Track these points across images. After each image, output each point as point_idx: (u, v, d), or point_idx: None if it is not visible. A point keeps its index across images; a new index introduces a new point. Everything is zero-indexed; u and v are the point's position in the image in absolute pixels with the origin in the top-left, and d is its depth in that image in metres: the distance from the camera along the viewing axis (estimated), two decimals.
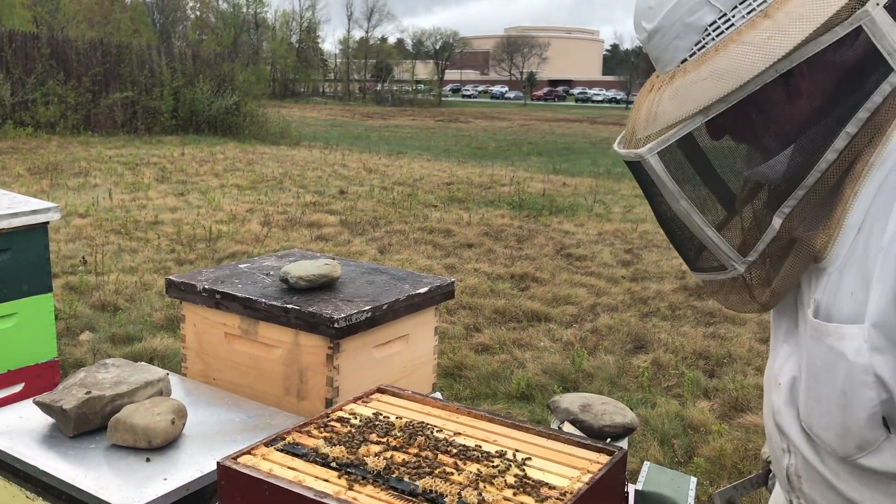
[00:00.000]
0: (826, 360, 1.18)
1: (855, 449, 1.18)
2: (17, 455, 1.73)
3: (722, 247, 1.23)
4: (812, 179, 1.14)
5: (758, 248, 1.21)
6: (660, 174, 1.20)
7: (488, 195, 12.58)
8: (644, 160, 1.20)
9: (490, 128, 34.20)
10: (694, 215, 1.22)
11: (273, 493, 1.34)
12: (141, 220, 9.31)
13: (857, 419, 1.16)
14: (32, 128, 18.27)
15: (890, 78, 1.09)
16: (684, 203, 1.21)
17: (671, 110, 1.18)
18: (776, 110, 1.18)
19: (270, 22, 68.42)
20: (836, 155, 1.13)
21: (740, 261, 1.23)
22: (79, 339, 5.33)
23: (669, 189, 1.21)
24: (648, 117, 1.22)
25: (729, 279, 1.27)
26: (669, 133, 1.18)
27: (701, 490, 3.58)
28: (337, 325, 2.05)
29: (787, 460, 1.33)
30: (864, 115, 1.11)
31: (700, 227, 1.22)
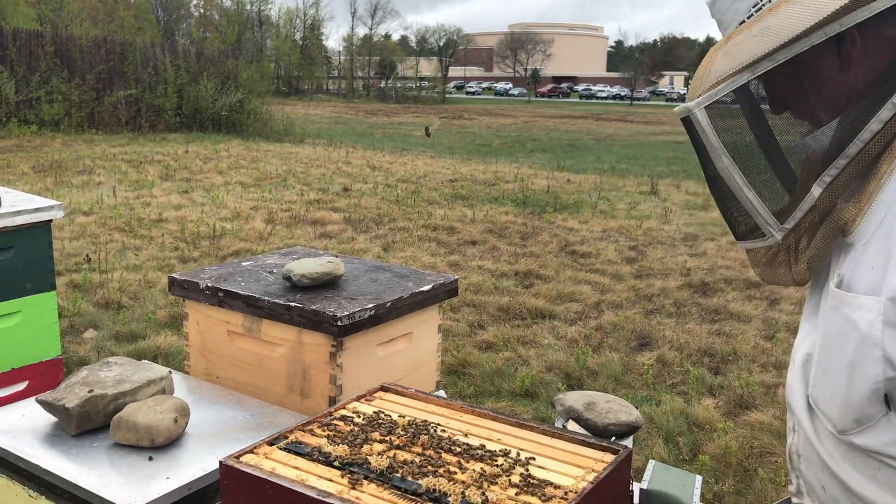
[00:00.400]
0: (840, 331, 1.19)
1: (853, 423, 1.20)
2: (20, 454, 1.73)
3: (760, 210, 1.24)
4: (854, 149, 1.14)
5: (795, 215, 1.22)
6: (705, 128, 1.22)
7: (492, 192, 12.56)
8: (692, 114, 1.22)
9: (494, 124, 34.17)
10: (735, 175, 1.23)
11: (276, 493, 1.33)
12: (145, 218, 9.31)
13: (859, 392, 1.17)
14: (37, 126, 18.29)
15: None
16: (726, 160, 1.22)
17: (721, 66, 1.21)
18: (826, 77, 1.19)
19: (274, 19, 68.46)
20: (880, 125, 1.13)
21: (778, 227, 1.24)
22: (82, 337, 5.33)
23: (713, 144, 1.22)
24: (703, 75, 1.25)
25: (769, 249, 1.29)
26: (717, 88, 1.20)
27: (706, 488, 3.57)
28: (340, 323, 2.04)
29: (792, 438, 1.36)
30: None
31: (740, 188, 1.23)
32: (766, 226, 1.25)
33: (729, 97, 1.21)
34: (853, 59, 1.16)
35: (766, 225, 1.25)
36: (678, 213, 11.30)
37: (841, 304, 1.19)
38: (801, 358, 1.31)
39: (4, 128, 17.69)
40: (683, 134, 1.32)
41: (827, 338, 1.23)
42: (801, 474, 1.36)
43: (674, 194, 13.24)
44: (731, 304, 6.65)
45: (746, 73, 1.18)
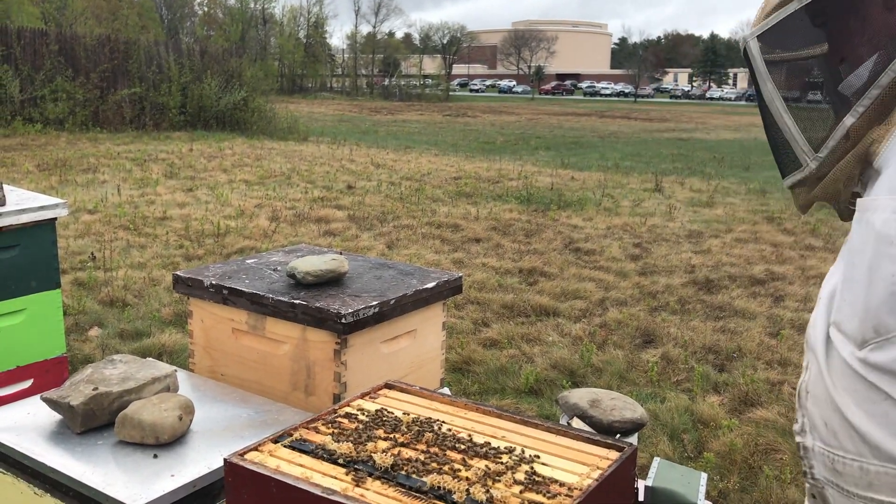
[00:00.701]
0: (862, 237, 1.23)
1: (872, 332, 1.22)
2: (25, 451, 1.73)
3: (797, 137, 1.31)
4: (886, 79, 1.21)
5: (828, 144, 1.28)
6: (755, 56, 1.31)
7: (496, 190, 12.56)
8: (746, 44, 1.32)
9: (498, 122, 34.14)
10: (777, 101, 1.31)
11: (280, 490, 1.33)
12: (149, 216, 9.32)
13: (877, 296, 1.20)
14: (41, 124, 18.32)
15: None
16: (770, 86, 1.31)
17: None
18: (870, 14, 1.26)
19: (278, 17, 68.45)
20: None
21: (812, 155, 1.30)
22: (87, 335, 5.34)
23: (760, 71, 1.31)
24: (761, 10, 1.34)
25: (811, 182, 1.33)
26: (769, 18, 1.30)
27: (711, 486, 3.57)
28: (344, 321, 2.04)
29: (804, 376, 1.40)
30: None
31: (780, 114, 1.31)
32: (802, 154, 1.31)
33: (779, 26, 1.29)
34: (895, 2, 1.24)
35: (801, 152, 1.31)
36: (682, 210, 11.28)
37: (862, 211, 1.23)
38: (828, 293, 1.35)
39: (9, 126, 17.73)
40: (687, 131, 1.36)
41: (851, 252, 1.26)
42: (807, 411, 1.38)
43: (678, 191, 13.21)
44: (736, 301, 6.64)
45: (795, 3, 1.26)
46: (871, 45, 1.26)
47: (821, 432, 1.35)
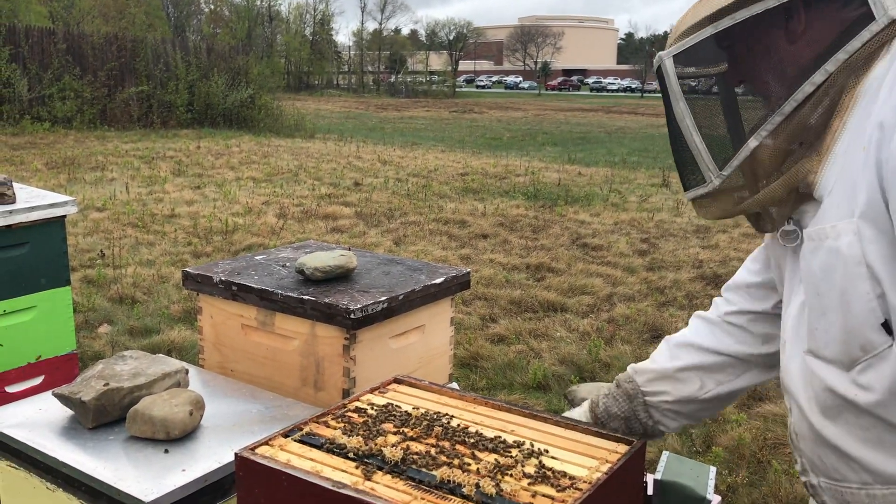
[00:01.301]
0: (825, 265, 1.26)
1: (859, 350, 1.25)
2: (37, 447, 1.74)
3: (703, 154, 1.36)
4: (788, 108, 1.28)
5: (732, 163, 1.34)
6: (669, 75, 1.37)
7: (503, 185, 12.55)
8: (662, 62, 1.38)
9: (504, 118, 34.11)
10: (687, 119, 1.37)
11: (291, 484, 1.34)
12: (158, 214, 9.35)
13: (858, 315, 1.23)
14: (49, 123, 18.38)
15: (870, 26, 1.24)
16: (682, 104, 1.37)
17: (689, 19, 1.37)
18: (773, 44, 1.33)
19: (284, 15, 68.47)
20: (813, 87, 1.27)
21: (716, 173, 1.36)
22: (97, 332, 5.36)
23: (674, 90, 1.37)
24: (676, 29, 1.40)
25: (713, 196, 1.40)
26: (685, 40, 1.35)
27: (720, 480, 3.57)
28: (353, 316, 2.05)
29: (791, 419, 1.41)
30: (843, 57, 1.25)
31: (690, 131, 1.37)
32: (707, 170, 1.37)
33: (693, 49, 1.35)
34: (798, 33, 1.30)
35: (706, 169, 1.37)
36: (689, 205, 11.24)
37: (820, 240, 1.26)
38: (791, 334, 1.38)
39: (18, 125, 17.79)
40: None
41: (813, 283, 1.29)
42: (802, 452, 1.40)
43: None
44: None
45: (710, 28, 1.32)
46: (774, 73, 1.33)
47: (821, 469, 1.37)
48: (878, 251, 1.19)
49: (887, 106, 1.19)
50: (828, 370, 1.30)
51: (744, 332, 1.65)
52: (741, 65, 1.38)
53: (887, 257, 1.19)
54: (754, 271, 1.67)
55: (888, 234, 1.18)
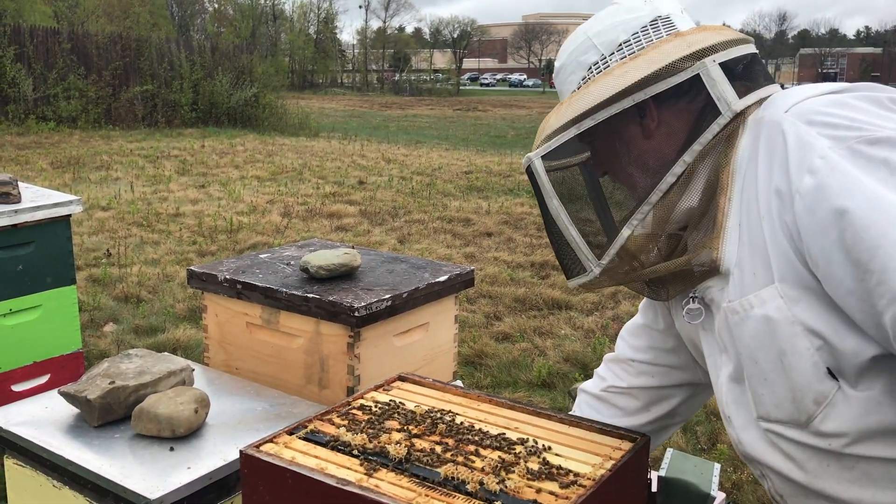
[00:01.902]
0: (756, 333, 1.29)
1: (812, 405, 1.26)
2: (44, 445, 1.75)
3: (582, 247, 1.44)
4: (655, 197, 1.36)
5: (609, 252, 1.41)
6: (540, 174, 1.44)
7: (507, 183, 12.55)
8: (531, 163, 1.44)
9: (509, 116, 34.09)
10: (562, 214, 1.44)
11: (295, 481, 1.34)
12: (162, 213, 9.37)
13: (802, 372, 1.25)
14: (54, 122, 18.41)
15: (718, 119, 1.32)
16: (556, 202, 1.44)
17: (554, 122, 1.44)
18: (632, 142, 1.42)
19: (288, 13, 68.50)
20: (674, 178, 1.35)
21: (595, 262, 1.43)
22: (102, 331, 5.38)
23: (546, 189, 1.44)
24: (541, 130, 1.47)
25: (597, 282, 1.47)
26: (551, 141, 1.43)
27: (724, 477, 3.56)
28: (357, 314, 2.05)
29: (767, 484, 1.43)
30: (698, 148, 1.33)
31: (566, 226, 1.44)
32: (587, 260, 1.44)
33: (560, 149, 1.43)
34: (653, 129, 1.39)
35: (586, 260, 1.44)
36: None
37: (745, 310, 1.30)
38: (732, 409, 1.41)
39: (23, 125, 17.83)
40: None
41: (748, 353, 1.32)
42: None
43: None
44: None
45: (573, 129, 1.40)
46: (637, 166, 1.42)
47: None
48: (808, 308, 1.22)
49: (776, 175, 1.24)
50: (788, 430, 1.31)
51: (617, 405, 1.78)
52: (606, 160, 1.47)
53: (819, 310, 1.22)
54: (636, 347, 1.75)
55: (812, 290, 1.22)
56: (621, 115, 1.36)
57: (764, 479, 1.42)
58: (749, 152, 1.31)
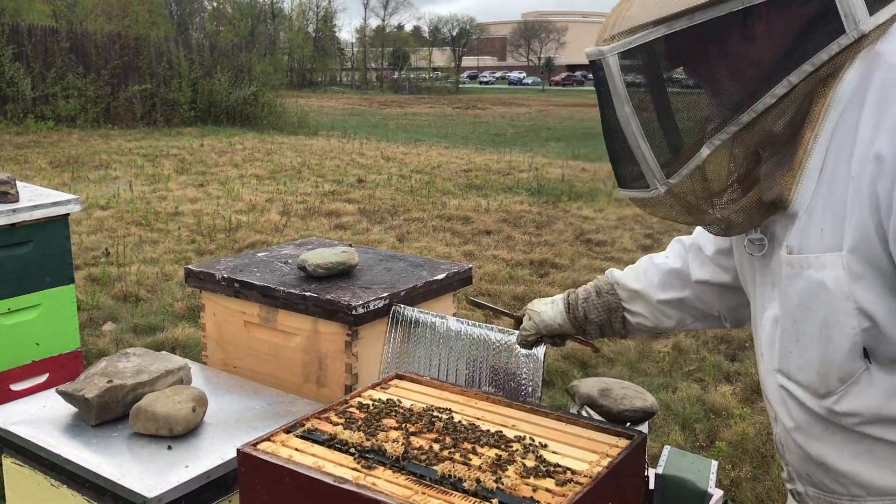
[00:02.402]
0: (805, 294, 1.21)
1: (836, 382, 1.22)
2: (42, 444, 1.75)
3: (650, 162, 1.26)
4: (746, 118, 1.19)
5: (681, 172, 1.25)
6: (614, 74, 1.24)
7: (507, 182, 12.54)
8: (604, 58, 1.24)
9: (508, 114, 34.07)
10: (633, 123, 1.25)
11: (293, 479, 1.34)
12: (161, 212, 9.37)
13: (839, 349, 1.19)
14: (53, 121, 18.40)
15: (839, 39, 1.14)
16: (628, 109, 1.25)
17: (638, 14, 1.22)
18: (732, 47, 1.21)
19: (287, 12, 68.45)
20: (773, 99, 1.18)
21: (662, 181, 1.27)
22: (101, 330, 5.38)
23: (619, 91, 1.24)
24: (617, 20, 1.25)
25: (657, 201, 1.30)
26: (633, 37, 1.22)
27: (723, 474, 3.57)
28: (355, 313, 2.06)
29: (776, 429, 1.38)
30: (809, 69, 1.16)
31: (636, 137, 1.25)
32: (652, 178, 1.27)
33: (642, 48, 1.23)
34: (758, 33, 1.20)
35: (651, 177, 1.27)
36: None
37: (802, 268, 1.21)
38: (767, 346, 1.33)
39: (21, 124, 17.82)
40: None
41: (789, 309, 1.25)
42: (788, 462, 1.38)
43: None
44: None
45: (664, 28, 1.20)
46: (731, 77, 1.22)
47: (808, 480, 1.34)
48: (868, 287, 1.15)
49: (883, 138, 1.11)
50: (803, 393, 1.27)
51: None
52: (696, 68, 1.28)
53: (879, 292, 1.15)
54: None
55: (880, 270, 1.14)
56: (726, 18, 1.17)
57: (775, 422, 1.38)
58: (854, 90, 1.16)
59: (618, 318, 1.77)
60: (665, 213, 1.33)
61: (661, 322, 1.73)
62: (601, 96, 1.29)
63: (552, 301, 1.81)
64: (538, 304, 1.81)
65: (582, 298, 1.79)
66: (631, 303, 1.75)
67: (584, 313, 1.77)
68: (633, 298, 1.75)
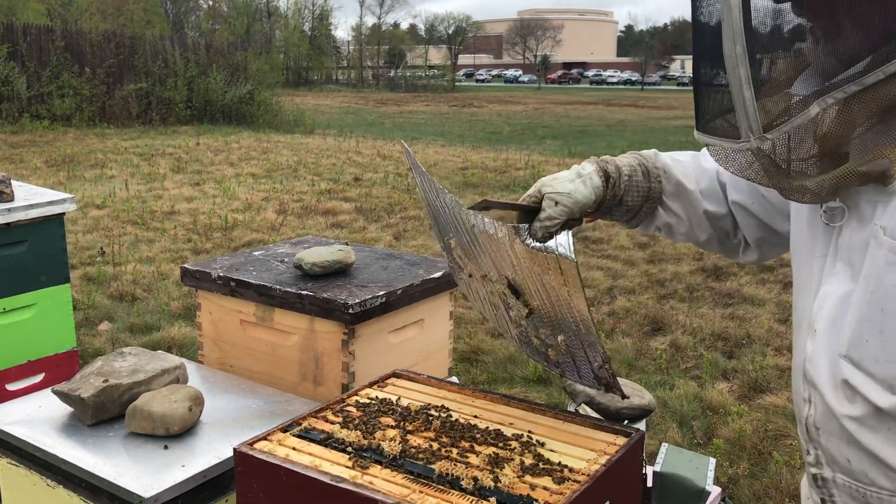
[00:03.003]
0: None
1: None
2: (38, 444, 1.74)
3: (749, 111, 1.11)
4: (871, 79, 1.05)
5: (782, 128, 1.11)
6: (733, 6, 1.08)
7: (503, 180, 12.54)
8: None
9: (504, 112, 34.07)
10: (742, 66, 1.09)
11: (289, 479, 1.34)
12: (157, 211, 9.35)
13: None
14: (49, 121, 18.37)
15: None
16: (739, 49, 1.09)
17: None
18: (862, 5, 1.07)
19: (283, 10, 68.39)
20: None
21: (758, 133, 1.12)
22: (97, 330, 5.37)
23: (734, 27, 1.08)
24: None
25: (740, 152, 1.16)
26: None
27: (721, 472, 3.57)
28: (352, 311, 2.05)
29: (807, 411, 1.28)
30: None
31: (740, 81, 1.10)
32: (747, 129, 1.13)
33: None
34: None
35: (746, 128, 1.13)
36: None
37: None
38: (826, 325, 1.22)
39: (17, 123, 17.79)
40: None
41: (881, 294, 1.14)
42: (821, 446, 1.28)
43: None
44: (745, 287, 6.63)
45: None
46: (859, 24, 1.08)
47: (844, 467, 1.25)
48: None
49: None
50: (870, 386, 1.17)
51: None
52: (825, 14, 1.13)
53: None
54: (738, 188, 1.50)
55: None
56: None
57: (808, 403, 1.27)
58: None
59: (650, 209, 1.55)
60: (741, 170, 1.20)
61: (694, 233, 1.55)
62: (706, 30, 1.15)
63: (577, 176, 1.51)
64: (563, 184, 1.50)
65: (626, 175, 1.52)
66: (673, 199, 1.54)
67: (623, 193, 1.51)
68: (678, 196, 1.53)
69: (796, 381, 1.31)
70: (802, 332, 1.29)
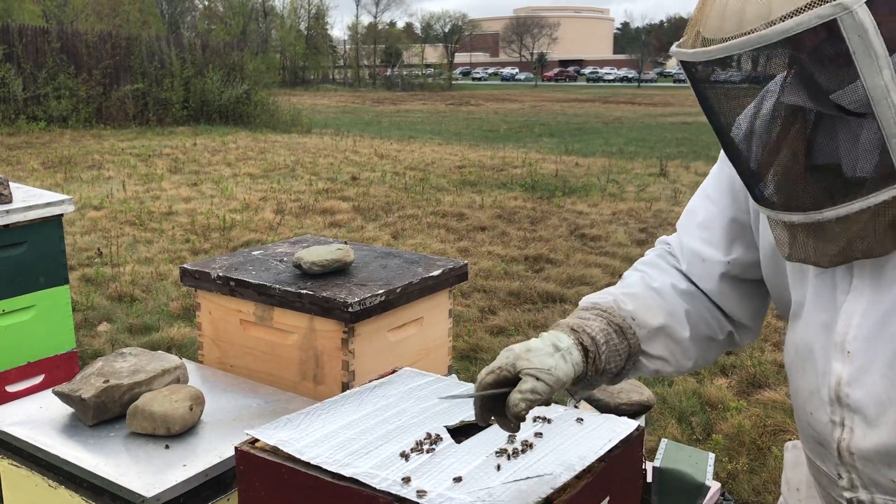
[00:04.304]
0: None
1: None
2: (39, 444, 1.75)
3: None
4: None
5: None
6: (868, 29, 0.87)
7: (500, 178, 12.55)
8: (852, 11, 0.87)
9: (501, 110, 34.07)
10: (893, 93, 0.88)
11: (291, 476, 1.34)
12: (155, 211, 9.35)
13: None
14: (45, 122, 18.35)
15: None
16: (887, 75, 0.88)
17: None
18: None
19: (279, 10, 68.30)
20: None
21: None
22: (97, 331, 5.37)
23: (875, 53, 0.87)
24: None
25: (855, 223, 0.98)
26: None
27: (720, 467, 3.58)
28: (351, 310, 2.06)
29: (840, 434, 1.18)
30: None
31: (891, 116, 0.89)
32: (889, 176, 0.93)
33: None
34: None
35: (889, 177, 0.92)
36: (688, 194, 11.25)
37: None
38: (862, 346, 1.13)
39: (13, 125, 17.76)
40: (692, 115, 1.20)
41: None
42: (856, 470, 1.19)
43: (683, 175, 13.18)
44: None
45: None
46: None
47: (886, 487, 1.17)
48: None
49: None
50: None
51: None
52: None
53: None
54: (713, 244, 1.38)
55: None
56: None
57: (840, 427, 1.17)
58: None
59: (633, 364, 1.39)
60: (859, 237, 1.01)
61: (681, 364, 1.40)
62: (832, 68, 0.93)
63: (555, 349, 1.29)
64: (542, 359, 1.27)
65: (603, 343, 1.33)
66: (650, 343, 1.38)
67: (604, 363, 1.34)
68: (654, 337, 1.37)
69: (818, 402, 1.22)
70: (817, 356, 1.20)
